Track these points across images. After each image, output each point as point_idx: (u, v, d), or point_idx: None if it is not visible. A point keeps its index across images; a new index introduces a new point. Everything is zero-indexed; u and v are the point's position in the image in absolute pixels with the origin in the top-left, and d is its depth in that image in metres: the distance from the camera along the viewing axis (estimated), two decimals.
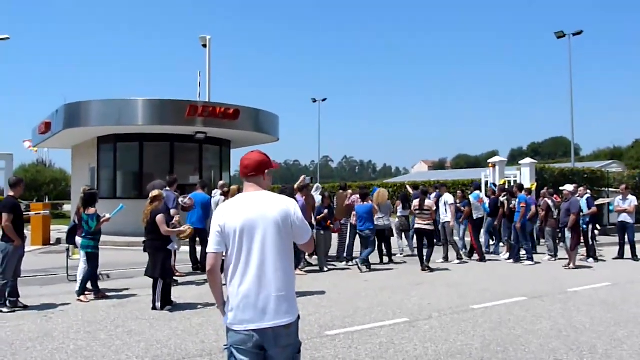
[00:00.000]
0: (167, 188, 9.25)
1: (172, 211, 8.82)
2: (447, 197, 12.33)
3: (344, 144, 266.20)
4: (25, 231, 7.81)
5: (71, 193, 22.81)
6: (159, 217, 7.46)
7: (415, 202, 11.30)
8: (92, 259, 8.08)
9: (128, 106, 16.53)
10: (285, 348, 2.87)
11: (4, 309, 7.17)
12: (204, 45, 19.86)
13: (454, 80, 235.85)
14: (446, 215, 12.09)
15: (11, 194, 7.56)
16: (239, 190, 9.45)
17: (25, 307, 7.38)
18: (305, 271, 10.42)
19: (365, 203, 11.08)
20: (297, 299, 3.02)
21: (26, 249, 8.09)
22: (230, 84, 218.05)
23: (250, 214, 2.89)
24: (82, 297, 7.88)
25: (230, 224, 2.87)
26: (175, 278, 9.13)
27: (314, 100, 52.39)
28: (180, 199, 9.90)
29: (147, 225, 7.61)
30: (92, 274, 8.06)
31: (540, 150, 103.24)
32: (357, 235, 11.40)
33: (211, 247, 2.92)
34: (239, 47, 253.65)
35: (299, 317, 2.97)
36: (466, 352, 5.40)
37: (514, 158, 66.30)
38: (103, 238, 8.44)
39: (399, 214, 13.17)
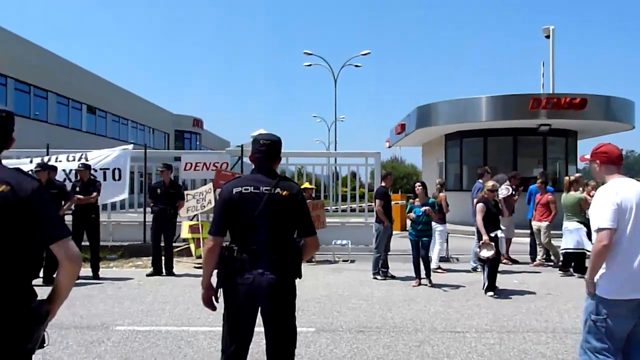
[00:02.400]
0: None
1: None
2: None
3: None
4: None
5: None
6: (479, 206, 7.90)
7: None
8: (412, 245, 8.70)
9: (472, 104, 17.65)
10: None
11: (378, 277, 8.95)
12: (547, 37, 19.49)
13: None
14: None
15: (382, 184, 9.35)
16: (572, 182, 9.41)
17: (393, 277, 9.02)
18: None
19: None
20: None
21: None
22: (578, 73, 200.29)
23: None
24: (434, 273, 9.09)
25: (626, 202, 3.19)
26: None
27: None
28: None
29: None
30: (415, 257, 8.57)
31: None
32: None
33: (607, 223, 3.17)
34: (586, 34, 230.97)
35: None
36: None
37: None
38: (453, 227, 9.35)
39: None
